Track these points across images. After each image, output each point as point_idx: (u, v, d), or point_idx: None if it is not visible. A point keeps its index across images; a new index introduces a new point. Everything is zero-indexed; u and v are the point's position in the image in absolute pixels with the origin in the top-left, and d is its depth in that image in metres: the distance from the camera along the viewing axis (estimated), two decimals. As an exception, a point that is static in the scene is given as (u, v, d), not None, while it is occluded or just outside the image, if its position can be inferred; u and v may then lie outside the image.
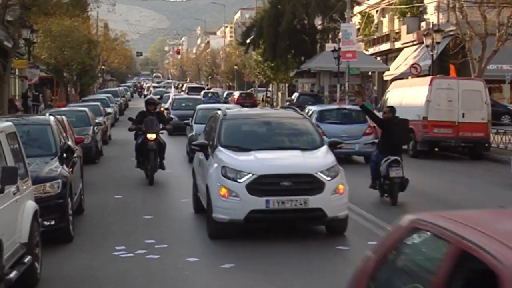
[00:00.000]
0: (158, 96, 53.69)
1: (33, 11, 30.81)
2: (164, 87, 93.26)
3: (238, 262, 9.30)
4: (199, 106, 25.49)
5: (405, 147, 23.47)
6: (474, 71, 29.05)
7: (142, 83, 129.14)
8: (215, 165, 10.58)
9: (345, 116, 22.90)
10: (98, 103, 30.47)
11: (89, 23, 59.61)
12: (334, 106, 26.29)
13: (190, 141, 19.17)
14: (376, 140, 17.00)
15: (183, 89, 78.59)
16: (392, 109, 14.96)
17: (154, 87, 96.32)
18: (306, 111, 21.73)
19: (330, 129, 20.17)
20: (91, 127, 21.51)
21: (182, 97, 41.46)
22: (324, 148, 11.14)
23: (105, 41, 73.76)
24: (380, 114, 26.61)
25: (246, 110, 16.01)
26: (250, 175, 10.13)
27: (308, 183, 10.20)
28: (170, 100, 37.75)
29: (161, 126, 17.01)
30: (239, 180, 10.16)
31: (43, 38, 41.48)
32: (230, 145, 11.01)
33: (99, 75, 78.31)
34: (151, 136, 16.39)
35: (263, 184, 10.09)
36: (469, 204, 14.24)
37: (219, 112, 12.12)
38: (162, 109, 36.07)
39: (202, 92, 61.64)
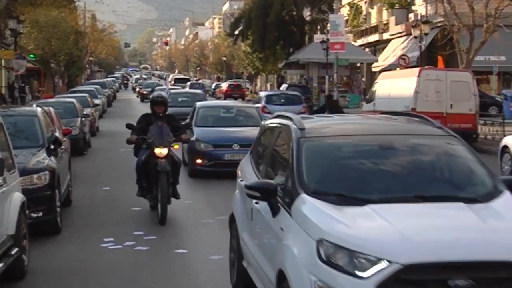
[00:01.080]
0: (149, 89, 52.29)
1: (19, 1, 30.66)
2: (146, 78, 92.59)
3: (227, 253, 9.28)
4: (199, 104, 19.66)
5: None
6: (462, 63, 29.13)
7: (130, 74, 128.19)
8: (301, 235, 5.33)
9: (286, 99, 31.02)
10: (86, 95, 30.33)
11: (76, 13, 59.37)
12: (277, 92, 37.47)
13: (191, 149, 16.33)
14: None
15: (170, 80, 78.02)
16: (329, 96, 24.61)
17: (144, 78, 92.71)
18: (257, 97, 33.49)
19: (274, 109, 24.74)
20: (79, 119, 21.40)
21: (179, 92, 34.97)
22: (508, 195, 5.85)
23: (93, 32, 73.45)
24: (368, 105, 26.72)
25: (333, 120, 7.75)
26: (385, 263, 4.83)
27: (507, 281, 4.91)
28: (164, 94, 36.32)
29: (174, 136, 11.76)
30: (359, 274, 4.87)
31: (29, 28, 41.29)
32: (326, 191, 5.69)
33: (87, 66, 78.02)
34: (161, 151, 11.24)
35: (412, 284, 4.83)
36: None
37: (289, 123, 6.61)
38: None
39: (188, 83, 61.38)
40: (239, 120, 17.99)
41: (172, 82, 66.58)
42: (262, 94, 33.82)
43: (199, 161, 16.07)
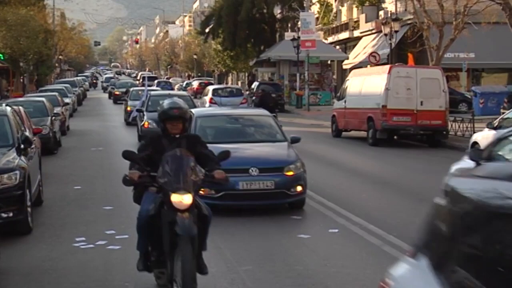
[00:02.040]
0: (123, 90, 46.71)
1: (-13, 0, 30.22)
2: (119, 77, 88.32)
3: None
4: (197, 112, 14.00)
5: (364, 134, 23.82)
6: (431, 60, 29.38)
7: (99, 73, 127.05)
8: None
9: (229, 92, 38.69)
10: (56, 93, 30.05)
11: (45, 12, 58.79)
12: (222, 86, 47.03)
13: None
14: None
15: (138, 78, 78.10)
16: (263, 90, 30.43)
17: (117, 77, 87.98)
18: (206, 90, 40.22)
19: (220, 100, 28.47)
20: (49, 118, 21.21)
21: (161, 94, 27.84)
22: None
23: (62, 30, 72.87)
24: (339, 103, 26.85)
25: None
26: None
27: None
28: (143, 98, 26.67)
29: (204, 171, 7.01)
30: None
31: (-2, 27, 40.74)
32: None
33: (56, 65, 77.28)
34: (182, 199, 6.70)
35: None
36: (428, 191, 14.41)
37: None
38: (128, 108, 30.50)
39: (156, 81, 61.15)
40: (253, 135, 13.24)
41: (141, 80, 66.54)
42: (210, 88, 40.87)
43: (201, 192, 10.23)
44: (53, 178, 15.63)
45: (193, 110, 13.60)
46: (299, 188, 11.66)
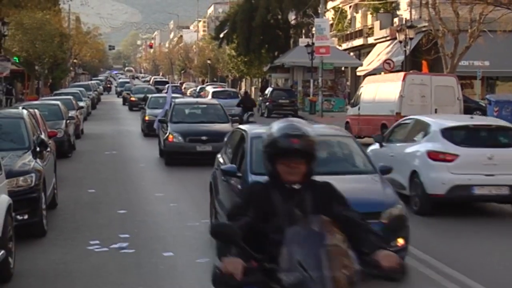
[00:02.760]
0: (140, 96, 42.80)
1: (4, 3, 30.50)
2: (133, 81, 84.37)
3: (213, 256, 9.29)
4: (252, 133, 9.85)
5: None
6: (446, 67, 29.32)
7: (113, 77, 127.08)
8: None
9: (227, 94, 42.42)
10: (71, 97, 30.17)
11: (61, 16, 59.13)
12: (221, 89, 50.88)
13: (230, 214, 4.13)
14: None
15: (150, 82, 78.18)
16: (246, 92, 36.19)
17: (131, 81, 79.82)
18: (206, 92, 46.16)
19: (219, 101, 26.96)
20: (64, 121, 21.31)
21: (187, 102, 24.23)
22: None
23: (77, 34, 73.30)
24: (353, 109, 26.80)
25: None
26: None
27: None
28: (166, 106, 22.21)
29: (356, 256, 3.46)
30: None
31: (14, 31, 41.08)
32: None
33: (71, 68, 77.68)
34: None
35: None
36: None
37: None
38: (146, 118, 27.65)
39: (166, 86, 61.71)
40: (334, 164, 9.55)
41: (153, 84, 66.94)
42: (210, 90, 47.72)
43: None
44: (68, 181, 15.71)
45: (242, 127, 10.73)
46: (400, 241, 8.28)
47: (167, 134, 19.00)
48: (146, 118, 27.58)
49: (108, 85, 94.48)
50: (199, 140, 18.61)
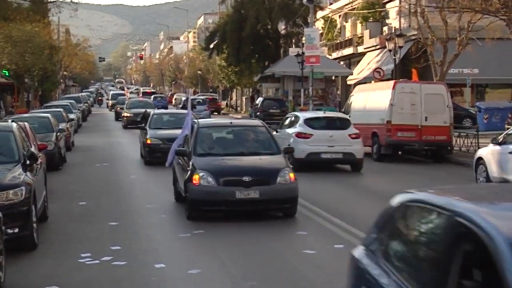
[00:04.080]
0: (137, 111, 36.51)
1: (-7, 16, 30.37)
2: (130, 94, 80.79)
3: (205, 267, 9.27)
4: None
5: (369, 150, 23.77)
6: (436, 75, 29.41)
7: (105, 89, 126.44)
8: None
9: (198, 102, 50.30)
10: (61, 109, 30.13)
11: (50, 28, 59.04)
12: (195, 97, 56.52)
13: None
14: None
15: (139, 94, 77.85)
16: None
17: (144, 95, 69.27)
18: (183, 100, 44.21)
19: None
20: (54, 134, 21.26)
21: (214, 125, 16.23)
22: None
23: (67, 46, 73.11)
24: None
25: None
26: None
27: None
28: (186, 131, 14.91)
29: None
30: None
31: (3, 43, 40.91)
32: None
33: (61, 80, 77.51)
34: None
35: None
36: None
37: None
38: (148, 141, 21.53)
39: (152, 96, 62.65)
40: None
41: (141, 96, 66.91)
42: (185, 98, 52.93)
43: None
44: (58, 194, 15.65)
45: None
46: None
47: (191, 173, 12.61)
48: (148, 141, 21.59)
49: (99, 98, 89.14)
50: (239, 183, 12.25)
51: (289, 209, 12.67)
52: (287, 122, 22.23)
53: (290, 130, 20.91)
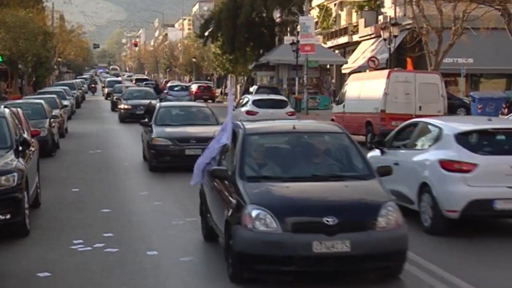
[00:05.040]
0: (138, 104, 33.28)
1: (-14, 1, 30.20)
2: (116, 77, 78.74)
3: (197, 255, 9.27)
4: None
5: (363, 139, 23.78)
6: (430, 64, 29.41)
7: (99, 76, 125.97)
8: None
9: (180, 88, 52.11)
10: (55, 96, 29.97)
11: (44, 14, 58.80)
12: (175, 83, 60.39)
13: None
14: None
15: (132, 81, 76.85)
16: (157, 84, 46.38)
17: (137, 82, 67.28)
18: (166, 86, 46.31)
19: (173, 94, 33.47)
20: (47, 120, 21.16)
21: (262, 130, 9.72)
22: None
23: (61, 32, 72.80)
24: (338, 107, 26.85)
25: None
26: None
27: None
28: (224, 138, 9.28)
29: None
30: None
31: (-3, 29, 40.78)
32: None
33: (55, 67, 77.24)
34: None
35: None
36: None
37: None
38: (155, 140, 17.08)
39: (144, 83, 62.46)
40: None
41: (134, 82, 66.20)
42: (168, 85, 57.91)
43: None
44: (51, 180, 15.61)
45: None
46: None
47: (238, 208, 8.00)
48: (154, 141, 17.11)
49: (93, 86, 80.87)
50: (318, 227, 7.62)
51: (392, 268, 8.07)
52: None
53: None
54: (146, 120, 19.31)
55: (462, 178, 10.19)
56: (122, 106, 35.32)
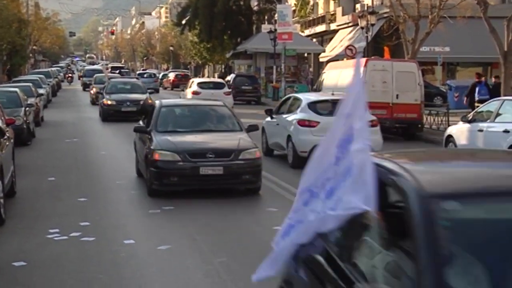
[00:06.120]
0: (124, 98, 29.07)
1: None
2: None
3: (175, 243, 9.23)
4: None
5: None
6: (407, 53, 29.48)
7: (75, 64, 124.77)
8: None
9: (148, 76, 59.25)
10: (30, 84, 29.66)
11: (19, 1, 58.05)
12: (142, 71, 67.60)
13: None
14: None
15: (108, 69, 75.36)
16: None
17: (112, 70, 64.19)
18: (133, 74, 48.35)
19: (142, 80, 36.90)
20: (23, 108, 20.95)
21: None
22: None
23: (36, 20, 72.04)
24: (316, 94, 26.88)
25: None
26: None
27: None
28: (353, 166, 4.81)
29: None
30: None
31: (-30, 16, 40.22)
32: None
33: (31, 55, 76.43)
34: None
35: None
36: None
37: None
38: (156, 155, 11.93)
39: (118, 71, 62.47)
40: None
41: (109, 70, 65.23)
42: (137, 72, 65.07)
43: None
44: (27, 169, 15.46)
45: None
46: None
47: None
48: (157, 156, 12.28)
49: (69, 75, 75.89)
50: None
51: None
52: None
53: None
54: (141, 123, 14.52)
55: (310, 131, 15.69)
56: (104, 101, 29.37)
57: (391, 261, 3.67)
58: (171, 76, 63.84)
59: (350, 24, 45.78)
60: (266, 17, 53.54)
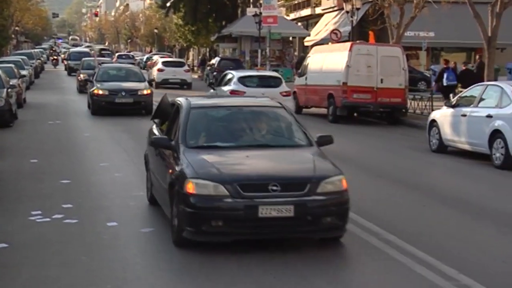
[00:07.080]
0: (117, 88, 24.25)
1: None
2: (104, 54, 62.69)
3: (158, 226, 9.21)
4: None
5: (324, 111, 23.87)
6: (392, 38, 29.48)
7: (58, 45, 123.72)
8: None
9: (126, 57, 61.36)
10: (12, 65, 29.40)
11: (2, -19, 57.34)
12: (122, 53, 69.66)
13: None
14: None
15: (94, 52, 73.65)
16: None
17: (102, 53, 60.75)
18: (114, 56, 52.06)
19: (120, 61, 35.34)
20: (5, 90, 20.76)
21: None
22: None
23: (18, 0, 71.22)
24: (300, 79, 26.88)
25: None
26: None
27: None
28: None
29: None
30: None
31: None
32: None
33: (13, 36, 75.68)
34: None
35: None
36: (386, 167, 14.54)
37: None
38: (189, 186, 7.65)
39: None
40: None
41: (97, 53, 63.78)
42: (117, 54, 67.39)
43: None
44: (9, 151, 15.35)
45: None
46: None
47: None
48: (191, 187, 7.90)
49: (55, 58, 71.99)
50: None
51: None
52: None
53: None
54: (156, 131, 10.58)
55: None
56: (95, 90, 24.38)
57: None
58: (155, 58, 63.44)
59: (335, 8, 45.71)
60: (251, 0, 53.33)
